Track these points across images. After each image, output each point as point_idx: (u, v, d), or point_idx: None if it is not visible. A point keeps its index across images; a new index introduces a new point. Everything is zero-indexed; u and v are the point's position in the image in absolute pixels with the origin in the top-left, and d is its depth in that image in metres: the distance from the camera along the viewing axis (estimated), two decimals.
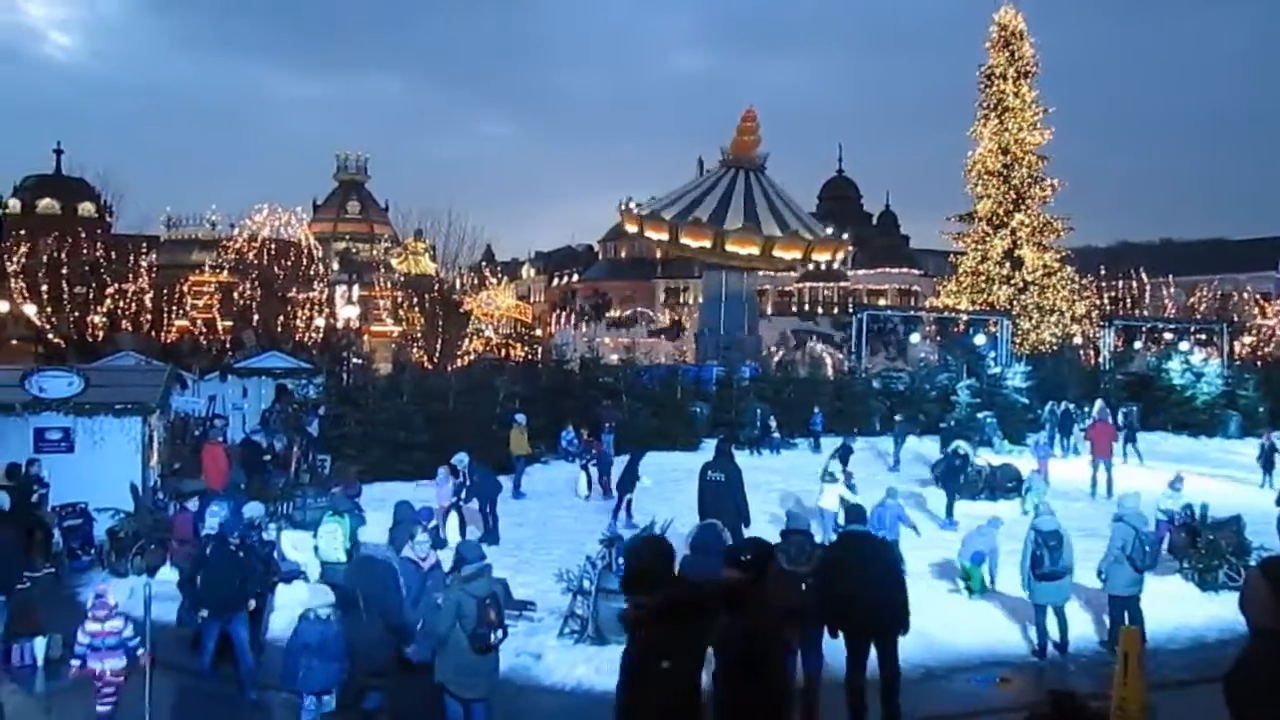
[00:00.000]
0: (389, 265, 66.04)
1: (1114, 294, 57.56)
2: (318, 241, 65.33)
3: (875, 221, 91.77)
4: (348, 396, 24.24)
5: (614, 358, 35.24)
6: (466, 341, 53.16)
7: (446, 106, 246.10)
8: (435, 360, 46.94)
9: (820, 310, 74.71)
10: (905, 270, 78.85)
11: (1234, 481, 22.12)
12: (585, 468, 21.22)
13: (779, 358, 44.20)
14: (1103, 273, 56.99)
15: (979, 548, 13.17)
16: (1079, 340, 47.07)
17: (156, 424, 17.63)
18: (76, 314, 50.27)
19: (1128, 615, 10.79)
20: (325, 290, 59.37)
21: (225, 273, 59.76)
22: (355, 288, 61.70)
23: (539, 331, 69.24)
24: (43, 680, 10.18)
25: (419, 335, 52.34)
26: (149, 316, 53.77)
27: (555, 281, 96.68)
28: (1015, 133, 47.44)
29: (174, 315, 56.29)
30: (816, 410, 28.26)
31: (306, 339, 50.68)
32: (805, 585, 9.02)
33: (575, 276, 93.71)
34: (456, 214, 65.10)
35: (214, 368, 31.52)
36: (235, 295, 57.49)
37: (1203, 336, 38.40)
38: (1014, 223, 47.25)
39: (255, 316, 54.14)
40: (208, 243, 67.45)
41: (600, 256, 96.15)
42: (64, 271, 50.17)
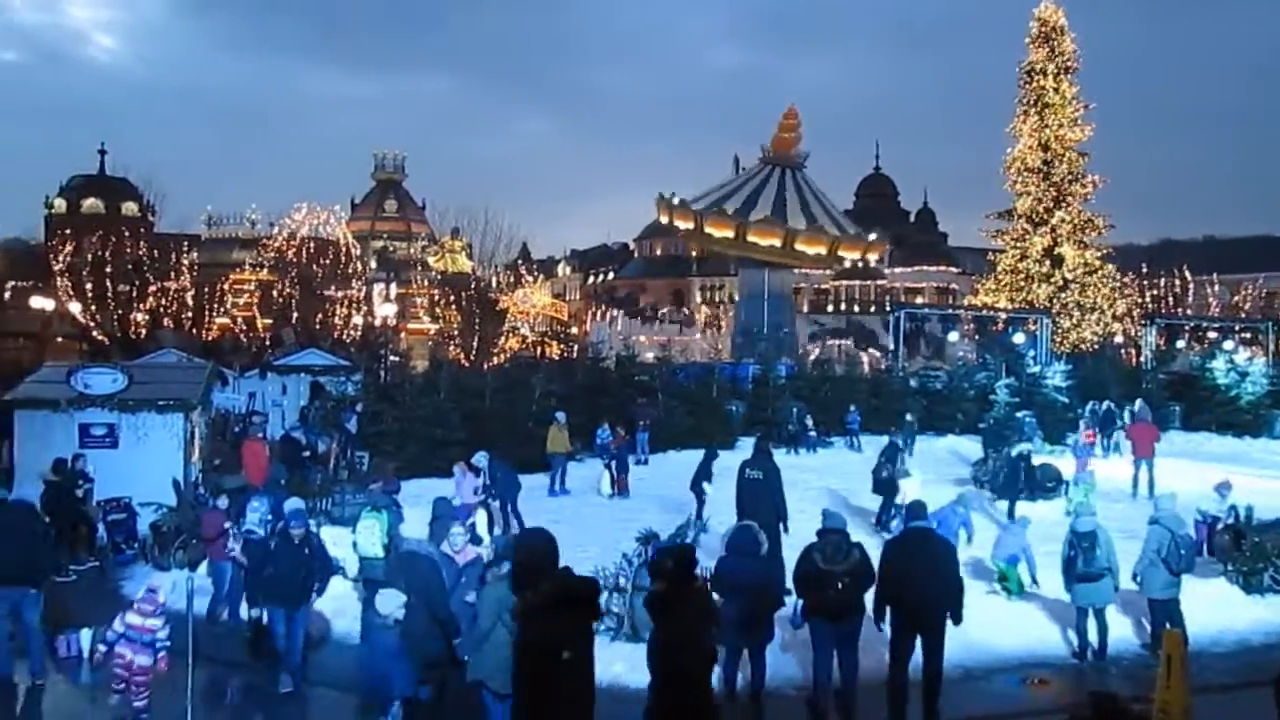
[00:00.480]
0: (426, 263, 66.55)
1: (1156, 292, 56.84)
2: (356, 240, 65.90)
3: (913, 219, 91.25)
4: (385, 394, 24.44)
5: (649, 355, 35.26)
6: (502, 339, 53.42)
7: (483, 105, 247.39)
8: (472, 358, 47.20)
9: (857, 309, 74.29)
10: (943, 268, 78.23)
11: None
12: (608, 466, 21.18)
13: (815, 355, 43.99)
14: (1145, 270, 56.27)
15: (1011, 549, 13.04)
16: (1120, 339, 46.52)
17: (198, 420, 17.85)
18: (120, 312, 51.08)
19: (1169, 619, 10.65)
20: (363, 288, 59.93)
21: (265, 271, 60.49)
22: (393, 286, 62.26)
23: (574, 329, 69.46)
24: (88, 672, 10.34)
25: (455, 333, 52.66)
26: (190, 314, 54.58)
27: (591, 280, 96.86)
28: (1055, 129, 46.92)
29: (215, 313, 57.11)
30: (853, 408, 28.11)
31: (345, 336, 51.20)
32: (841, 585, 8.98)
33: (611, 275, 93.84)
34: (493, 212, 65.72)
35: (254, 365, 31.93)
36: (274, 293, 58.16)
37: (1247, 335, 37.81)
38: (1054, 220, 46.75)
39: (294, 314, 54.75)
40: (247, 241, 68.23)
41: (636, 255, 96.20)
42: (108, 270, 50.95)
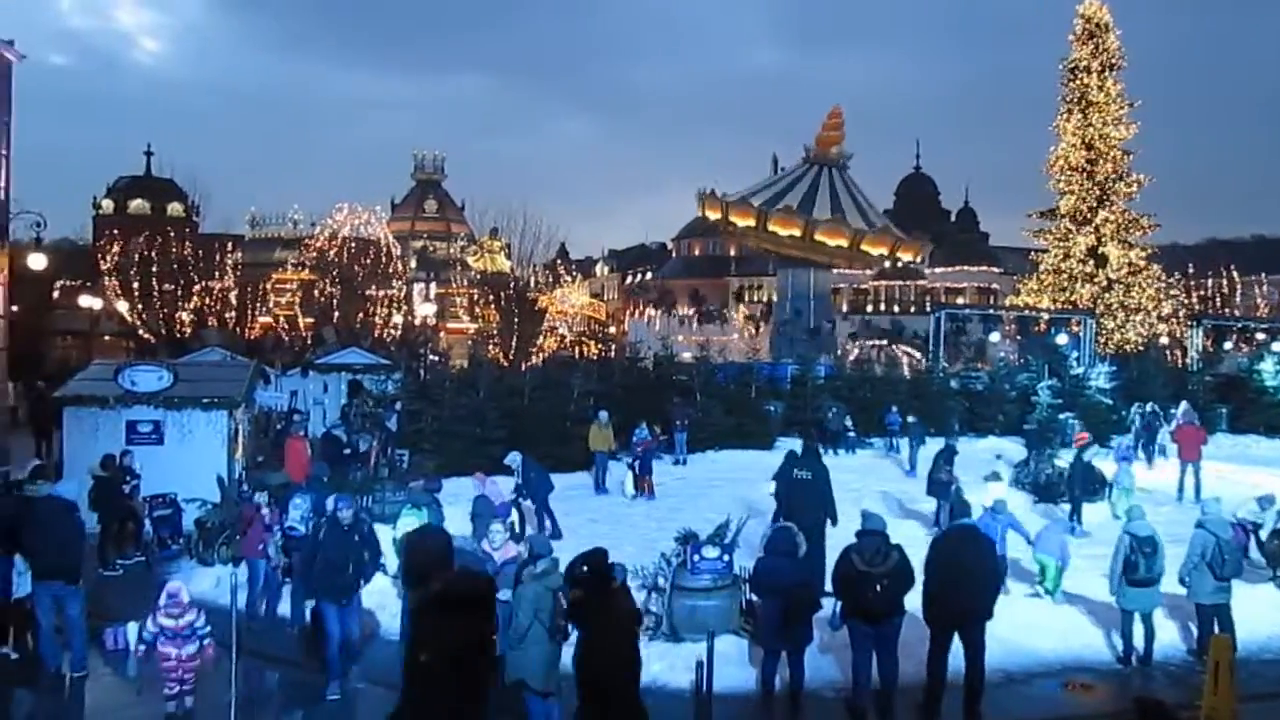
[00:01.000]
0: (465, 263, 66.84)
1: (1203, 292, 55.94)
2: (396, 240, 66.33)
3: (954, 218, 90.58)
4: (425, 393, 24.58)
5: (687, 355, 35.18)
6: (541, 339, 53.59)
7: (522, 105, 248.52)
8: (510, 357, 47.39)
9: (897, 309, 73.76)
10: (984, 268, 77.43)
11: None
12: (631, 467, 21.11)
13: (855, 356, 43.73)
14: (1191, 270, 55.38)
15: (1050, 546, 12.91)
16: (1165, 340, 45.82)
17: (242, 418, 18.05)
18: (166, 310, 51.78)
19: (1217, 624, 10.48)
20: (403, 288, 60.37)
21: (307, 271, 61.00)
22: (432, 285, 62.71)
23: (612, 329, 69.53)
24: (134, 665, 10.49)
25: (494, 332, 52.89)
26: (234, 313, 55.22)
27: (629, 279, 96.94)
28: (1100, 127, 46.29)
29: (257, 312, 57.72)
30: (894, 409, 27.91)
31: (385, 336, 51.53)
32: (880, 587, 8.94)
33: (649, 274, 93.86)
34: (531, 212, 65.96)
35: (296, 363, 32.25)
36: (316, 292, 58.63)
37: None
38: (1098, 219, 46.13)
39: (335, 313, 55.18)
40: (290, 241, 68.88)
41: (674, 254, 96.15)
42: (154, 269, 51.63)
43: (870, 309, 74.10)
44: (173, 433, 16.58)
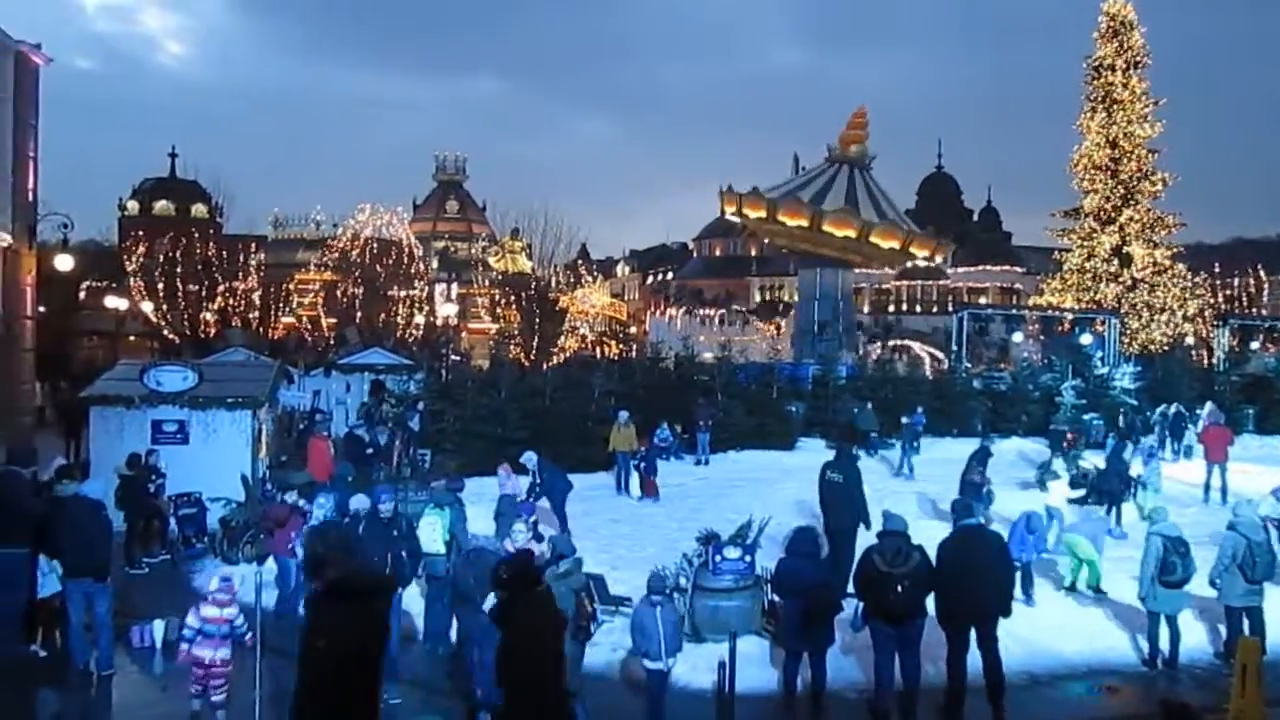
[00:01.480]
0: (487, 264, 67.03)
1: (1229, 292, 55.36)
2: (418, 241, 66.64)
3: (976, 218, 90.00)
4: (447, 392, 24.68)
5: (708, 355, 35.14)
6: (562, 339, 53.68)
7: (543, 106, 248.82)
8: (532, 357, 47.49)
9: (919, 309, 73.41)
10: (1007, 268, 76.88)
11: None
12: (637, 468, 20.94)
13: (876, 356, 43.54)
14: (1217, 270, 54.87)
15: (1089, 532, 12.85)
16: (1191, 340, 45.43)
17: (265, 417, 18.17)
18: (190, 311, 52.21)
19: (1248, 626, 10.37)
20: (425, 288, 60.65)
21: (329, 271, 61.39)
22: (454, 286, 62.97)
23: (633, 329, 69.55)
24: (161, 662, 10.58)
25: (516, 333, 53.02)
26: (257, 313, 55.59)
27: (650, 279, 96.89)
28: (1124, 126, 45.97)
29: (281, 312, 58.10)
30: (919, 410, 27.74)
31: (407, 336, 51.78)
32: (901, 588, 8.92)
33: (670, 274, 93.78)
34: (552, 213, 65.97)
35: (319, 363, 32.42)
36: (339, 293, 58.99)
37: None
38: (1122, 218, 45.82)
39: (358, 314, 55.48)
40: (312, 242, 69.32)
41: (695, 254, 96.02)
42: (179, 270, 52.09)
43: (892, 309, 73.76)
44: (197, 432, 16.67)
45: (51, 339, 34.98)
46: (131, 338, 54.87)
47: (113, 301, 46.42)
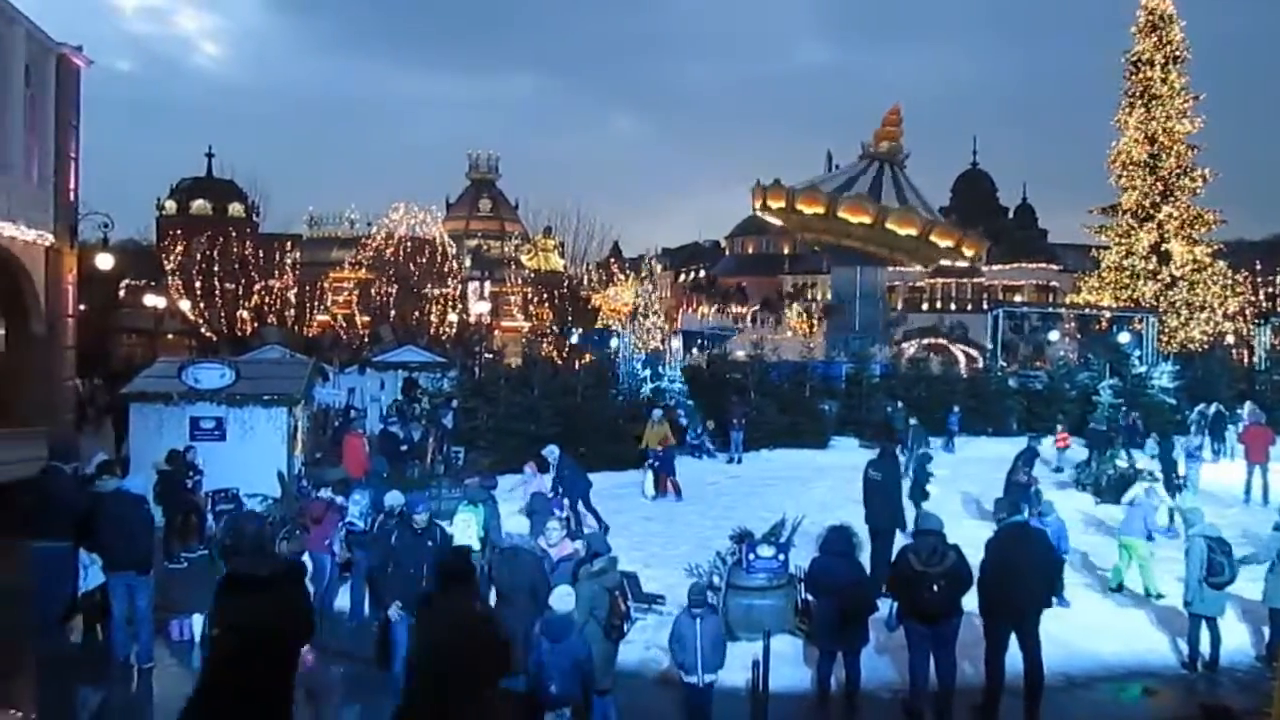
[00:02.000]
0: (519, 262, 67.27)
1: (1271, 289, 54.48)
2: (451, 239, 66.92)
3: (1011, 215, 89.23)
4: (480, 390, 24.79)
5: (741, 354, 35.09)
6: None
7: (575, 104, 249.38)
8: (564, 355, 47.60)
9: (953, 307, 72.87)
10: (1043, 265, 76.16)
11: None
12: (651, 467, 20.82)
13: (910, 354, 43.28)
14: (1258, 267, 54.03)
15: (1137, 527, 12.71)
16: (1231, 339, 44.79)
17: (301, 414, 18.32)
18: (227, 309, 52.72)
19: None
20: (458, 286, 60.87)
21: (364, 270, 61.78)
22: (487, 284, 63.16)
23: (666, 327, 69.46)
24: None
25: (549, 330, 53.15)
26: (293, 311, 56.07)
27: (682, 277, 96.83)
28: (1163, 121, 45.39)
29: (316, 310, 58.53)
30: (956, 409, 27.54)
31: (440, 334, 52.04)
32: (937, 587, 8.85)
33: (702, 272, 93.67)
34: (584, 211, 66.12)
35: (353, 361, 32.67)
36: (373, 291, 59.35)
37: None
38: (1161, 215, 45.25)
39: (392, 312, 55.83)
40: (347, 241, 69.79)
41: (727, 252, 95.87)
42: (216, 269, 52.60)
43: (926, 307, 73.28)
44: (234, 429, 16.83)
45: (92, 337, 35.46)
46: (169, 335, 55.56)
47: (151, 300, 47.01)
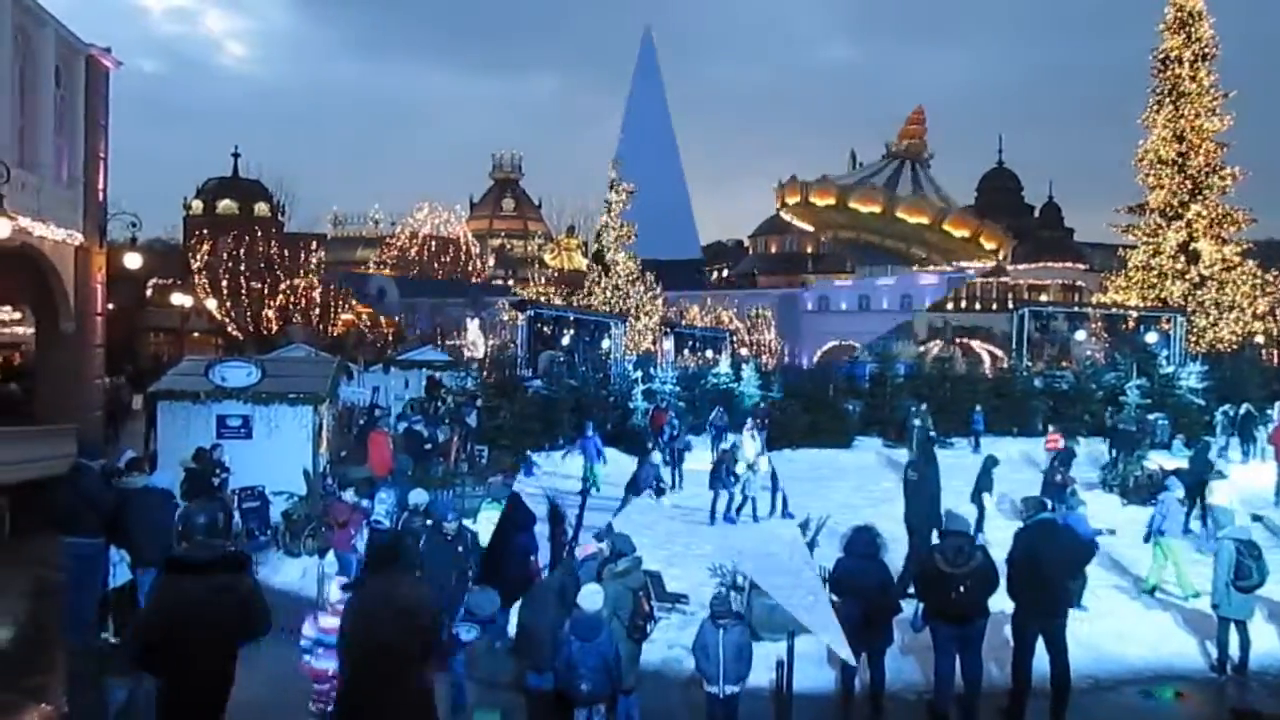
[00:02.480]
0: (542, 261, 67.41)
1: None
2: (474, 238, 67.21)
3: (1037, 214, 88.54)
4: (502, 389, 24.85)
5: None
6: None
7: (598, 102, 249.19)
8: None
9: (978, 306, 72.44)
10: (1069, 264, 75.55)
11: None
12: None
13: (935, 353, 43.07)
14: None
15: (1175, 528, 12.61)
16: (1261, 339, 44.28)
17: (326, 413, 18.41)
18: (252, 308, 53.09)
19: None
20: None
21: (388, 268, 62.08)
22: (510, 282, 63.30)
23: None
24: None
25: None
26: (318, 310, 56.42)
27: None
28: (1192, 119, 44.84)
29: (340, 309, 58.88)
30: (979, 409, 27.35)
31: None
32: (963, 588, 8.80)
33: (725, 271, 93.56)
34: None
35: (378, 360, 32.85)
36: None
37: None
38: (1190, 214, 44.72)
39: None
40: (371, 240, 70.22)
41: (750, 251, 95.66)
42: (242, 268, 53.02)
43: (951, 306, 72.89)
44: (261, 427, 16.88)
45: (121, 335, 35.78)
46: (196, 334, 56.05)
47: (178, 299, 47.45)
